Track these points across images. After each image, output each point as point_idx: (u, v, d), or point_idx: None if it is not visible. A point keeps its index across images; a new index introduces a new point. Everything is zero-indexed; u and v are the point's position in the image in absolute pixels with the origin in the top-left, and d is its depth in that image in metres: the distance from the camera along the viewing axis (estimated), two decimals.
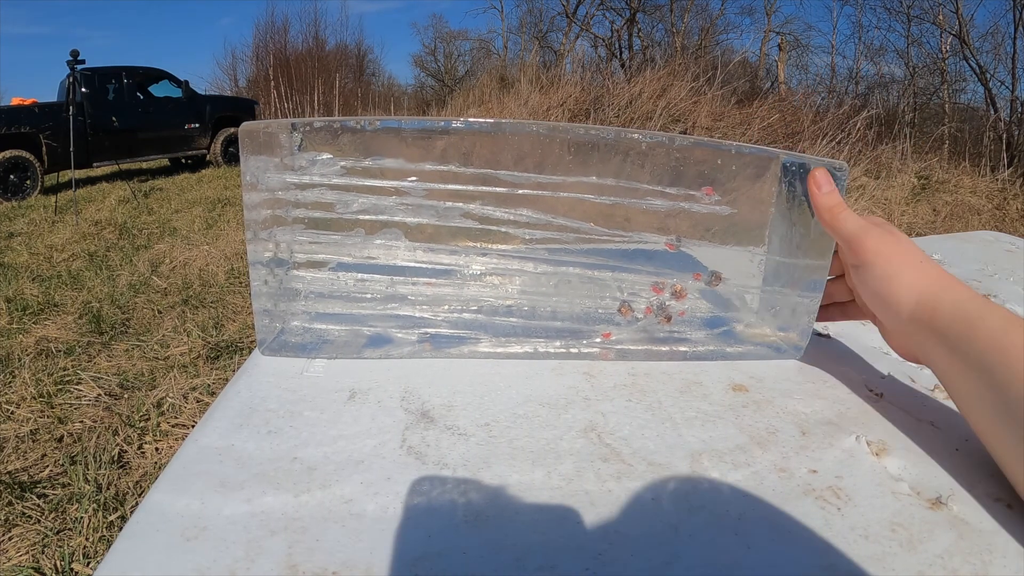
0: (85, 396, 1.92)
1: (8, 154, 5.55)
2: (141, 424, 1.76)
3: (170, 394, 1.89)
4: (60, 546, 1.30)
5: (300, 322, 0.43)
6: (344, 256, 0.42)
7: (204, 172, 7.14)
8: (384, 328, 0.42)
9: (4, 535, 1.34)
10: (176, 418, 1.79)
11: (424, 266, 0.42)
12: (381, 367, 0.40)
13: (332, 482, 0.29)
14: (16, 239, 4.04)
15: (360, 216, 0.41)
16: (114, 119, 6.48)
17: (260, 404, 0.36)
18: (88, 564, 1.25)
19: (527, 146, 0.40)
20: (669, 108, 5.99)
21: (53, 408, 1.86)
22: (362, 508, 0.28)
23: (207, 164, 7.59)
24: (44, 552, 1.29)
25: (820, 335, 0.48)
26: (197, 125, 7.28)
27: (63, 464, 1.57)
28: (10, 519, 1.38)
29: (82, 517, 1.37)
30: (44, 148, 5.81)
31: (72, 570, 1.24)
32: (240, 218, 4.15)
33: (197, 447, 0.32)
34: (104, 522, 1.36)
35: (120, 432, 1.71)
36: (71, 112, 4.94)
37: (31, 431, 1.74)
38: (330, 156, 0.39)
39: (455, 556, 0.25)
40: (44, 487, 1.49)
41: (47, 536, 1.33)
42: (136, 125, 6.67)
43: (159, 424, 1.75)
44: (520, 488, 0.29)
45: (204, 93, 8.14)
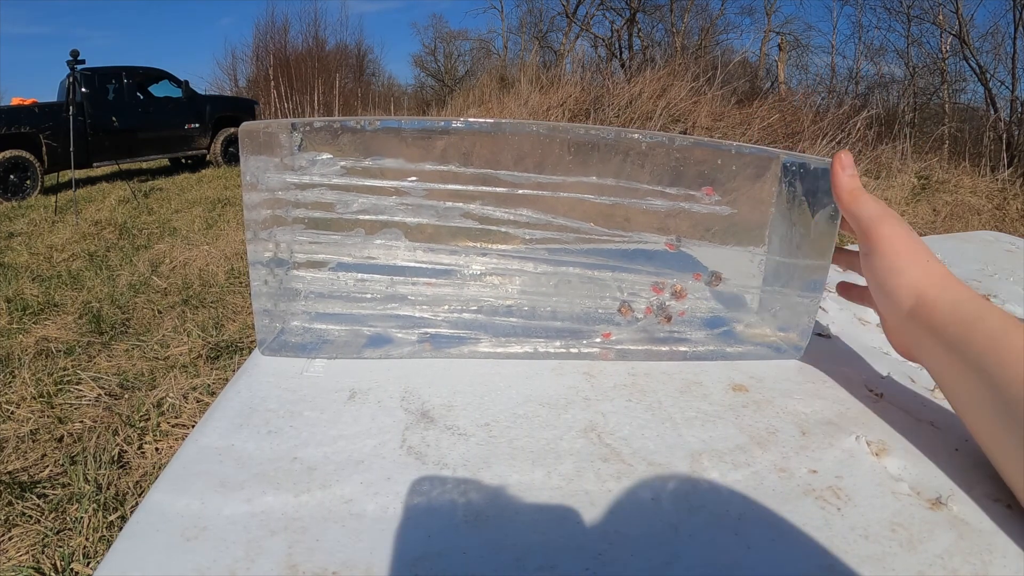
0: (85, 396, 1.92)
1: (8, 154, 5.55)
2: (141, 424, 1.76)
3: (170, 394, 1.89)
4: (60, 546, 1.30)
5: (300, 322, 0.43)
6: (344, 256, 0.42)
7: (204, 172, 7.14)
8: (384, 328, 0.42)
9: (4, 535, 1.34)
10: (176, 418, 1.79)
11: (424, 266, 0.42)
12: (381, 367, 0.40)
13: (332, 482, 0.29)
14: (16, 239, 4.04)
15: (360, 216, 0.41)
16: (114, 119, 6.48)
17: (260, 404, 0.36)
18: (88, 564, 1.25)
19: (527, 146, 0.40)
20: (669, 108, 5.99)
21: (53, 408, 1.86)
22: (362, 508, 0.28)
23: (207, 164, 7.59)
24: (44, 552, 1.29)
25: (820, 335, 0.48)
26: (197, 125, 7.28)
27: (63, 464, 1.57)
28: (10, 519, 1.38)
29: (82, 517, 1.37)
30: (44, 148, 5.81)
31: (72, 570, 1.24)
32: (240, 218, 4.15)
33: (197, 447, 0.32)
34: (104, 522, 1.36)
35: (120, 432, 1.71)
36: (71, 112, 4.94)
37: (31, 431, 1.74)
38: (330, 156, 0.39)
39: (455, 556, 0.25)
40: (44, 487, 1.49)
41: (47, 536, 1.33)
42: (136, 125, 6.67)
43: (159, 424, 1.75)
44: (520, 488, 0.29)
45: (204, 93, 8.14)
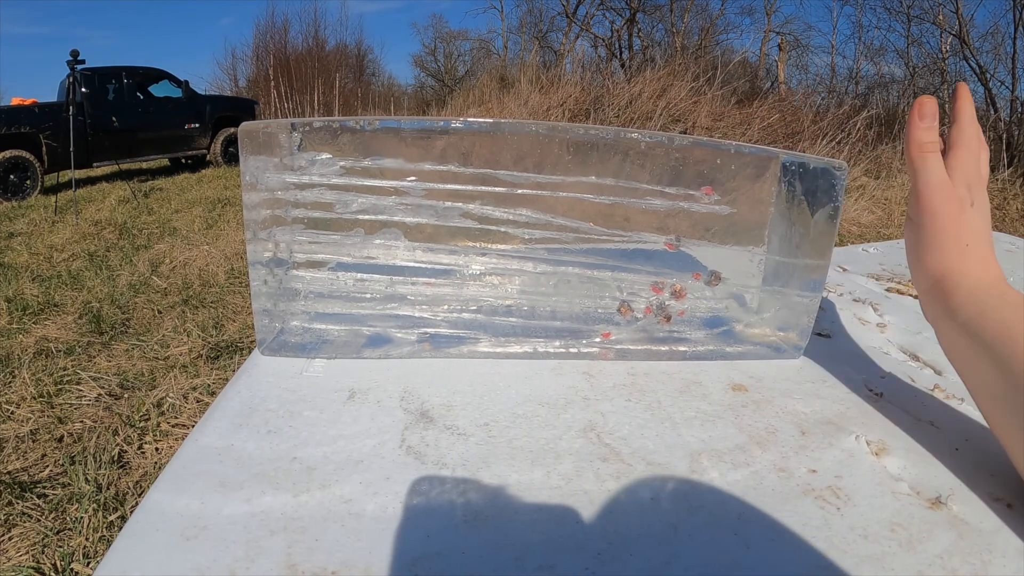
0: (85, 396, 1.92)
1: (8, 154, 5.55)
2: (141, 424, 1.76)
3: (170, 394, 1.89)
4: (60, 546, 1.30)
5: (300, 322, 0.43)
6: (343, 256, 0.42)
7: (204, 172, 7.14)
8: (383, 328, 0.42)
9: (4, 535, 1.34)
10: (176, 418, 1.79)
11: (423, 266, 0.42)
12: (380, 367, 0.40)
13: (331, 482, 0.29)
14: (16, 239, 4.04)
15: (359, 216, 0.41)
16: (114, 119, 6.48)
17: (260, 404, 0.36)
18: (88, 564, 1.25)
19: (526, 146, 0.40)
20: (669, 108, 5.99)
21: (53, 408, 1.86)
22: (361, 508, 0.28)
23: (207, 164, 7.59)
24: (44, 552, 1.29)
25: (820, 335, 0.48)
26: (197, 125, 7.27)
27: (63, 464, 1.57)
28: (10, 519, 1.38)
29: (82, 517, 1.37)
30: (44, 148, 5.81)
31: (72, 570, 1.24)
32: (240, 218, 4.15)
33: (197, 447, 0.32)
34: (104, 522, 1.36)
35: (120, 432, 1.71)
36: (71, 112, 4.94)
37: (31, 431, 1.74)
38: (329, 156, 0.39)
39: (454, 556, 0.25)
40: (44, 487, 1.49)
41: (47, 536, 1.33)
42: (136, 125, 6.67)
43: (159, 424, 1.75)
44: (519, 488, 0.29)
45: (204, 93, 8.14)
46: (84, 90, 6.17)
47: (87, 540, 1.31)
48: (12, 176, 5.59)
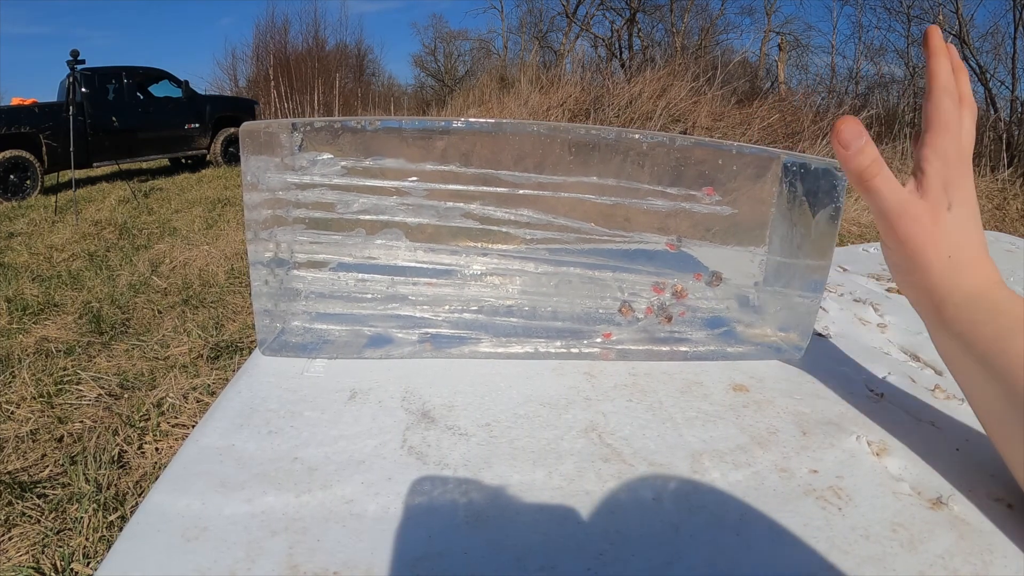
0: (85, 396, 1.92)
1: (8, 154, 5.55)
2: (141, 424, 1.76)
3: (170, 394, 1.89)
4: (60, 546, 1.30)
5: (301, 322, 0.43)
6: (345, 256, 0.42)
7: (204, 172, 7.14)
8: (385, 328, 0.42)
9: (4, 535, 1.34)
10: (176, 418, 1.79)
11: (425, 266, 0.42)
12: (382, 367, 0.40)
13: (333, 482, 0.29)
14: (16, 239, 4.04)
15: (361, 216, 0.41)
16: (114, 119, 6.47)
17: (261, 404, 0.36)
18: (88, 564, 1.25)
19: (527, 146, 0.40)
20: (669, 108, 5.99)
21: (53, 408, 1.86)
22: (363, 508, 0.28)
23: (207, 164, 7.58)
24: (44, 552, 1.29)
25: (820, 335, 0.48)
26: (197, 125, 7.27)
27: (63, 464, 1.57)
28: (10, 519, 1.38)
29: (82, 517, 1.37)
30: (44, 148, 5.81)
31: (72, 570, 1.24)
32: (240, 218, 4.15)
33: (197, 447, 0.32)
34: (104, 522, 1.36)
35: (120, 432, 1.71)
36: (71, 112, 4.94)
37: (31, 431, 1.73)
38: (331, 156, 0.39)
39: (456, 556, 0.25)
40: (44, 487, 1.49)
41: (47, 536, 1.33)
42: (136, 125, 6.67)
43: (159, 424, 1.75)
44: (521, 488, 0.29)
45: (204, 93, 8.14)
46: (84, 90, 6.17)
47: (87, 540, 1.31)
48: (12, 176, 5.59)
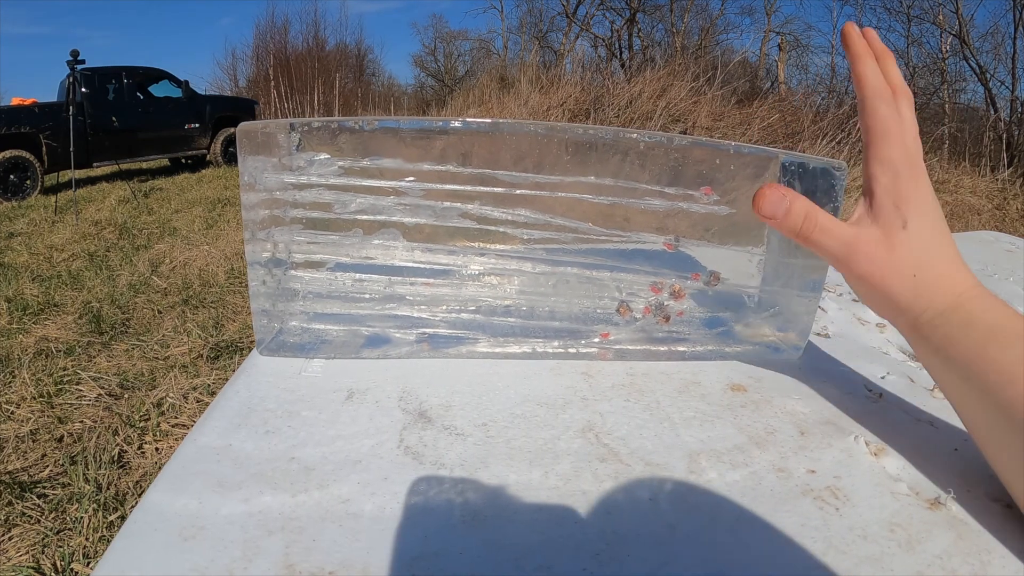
0: (85, 396, 1.92)
1: (8, 154, 5.55)
2: (141, 424, 1.76)
3: (170, 394, 1.89)
4: (60, 546, 1.30)
5: (298, 322, 0.43)
6: (342, 256, 0.42)
7: (204, 172, 7.14)
8: (382, 328, 0.42)
9: (4, 535, 1.34)
10: (176, 418, 1.79)
11: (422, 266, 0.42)
12: (379, 367, 0.40)
13: (330, 482, 0.29)
14: (16, 239, 4.04)
15: (358, 216, 0.41)
16: (114, 119, 6.48)
17: (258, 404, 0.36)
18: (88, 564, 1.25)
19: (526, 146, 0.40)
20: (669, 108, 5.99)
21: (53, 408, 1.86)
22: (359, 508, 0.28)
23: (207, 164, 7.59)
24: (44, 552, 1.29)
25: (819, 335, 0.48)
26: (197, 125, 7.28)
27: (63, 464, 1.57)
28: (10, 519, 1.38)
29: (82, 517, 1.37)
30: (44, 148, 5.81)
31: (72, 570, 1.24)
32: (240, 218, 4.14)
33: (195, 447, 0.32)
34: (104, 522, 1.36)
35: (120, 432, 1.71)
36: (71, 112, 4.94)
37: (31, 431, 1.74)
38: (328, 156, 0.39)
39: (452, 556, 0.25)
40: (44, 487, 1.49)
41: (47, 536, 1.33)
42: (136, 125, 6.67)
43: (159, 424, 1.75)
44: (518, 488, 0.29)
45: (204, 93, 8.14)
46: (84, 90, 6.17)
47: (87, 540, 1.31)
48: (12, 176, 5.59)
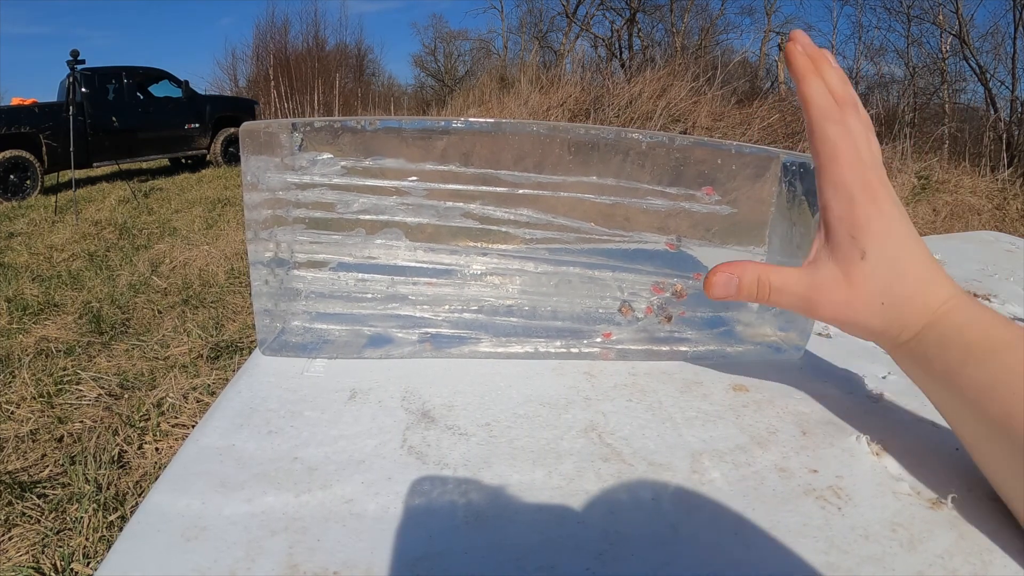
0: (85, 396, 1.92)
1: (8, 154, 5.55)
2: (141, 424, 1.76)
3: (170, 394, 1.89)
4: (60, 546, 1.30)
5: (301, 322, 0.43)
6: (345, 256, 0.42)
7: (204, 172, 7.14)
8: (385, 328, 0.42)
9: (4, 535, 1.34)
10: (176, 418, 1.79)
11: (425, 266, 0.42)
12: (382, 367, 0.40)
13: (333, 482, 0.29)
14: (16, 239, 4.04)
15: (361, 216, 0.41)
16: (114, 119, 6.48)
17: (261, 404, 0.36)
18: (88, 564, 1.25)
19: (527, 146, 0.40)
20: (669, 108, 5.99)
21: (53, 408, 1.86)
22: (363, 508, 0.28)
23: (207, 164, 7.58)
24: (44, 552, 1.29)
25: (820, 335, 0.48)
26: (197, 125, 7.28)
27: (63, 464, 1.57)
28: (10, 519, 1.38)
29: (82, 517, 1.37)
30: (44, 148, 5.81)
31: (72, 570, 1.24)
32: (240, 218, 4.15)
33: (197, 447, 0.32)
34: (104, 522, 1.36)
35: (120, 432, 1.71)
36: (71, 112, 4.95)
37: (31, 431, 1.74)
38: (330, 156, 0.39)
39: (456, 556, 0.25)
40: (44, 487, 1.49)
41: (47, 536, 1.33)
42: (136, 125, 6.67)
43: (159, 424, 1.75)
44: (521, 488, 0.29)
45: (204, 93, 8.14)
46: (84, 90, 6.17)
47: (87, 540, 1.31)
48: (12, 176, 5.59)
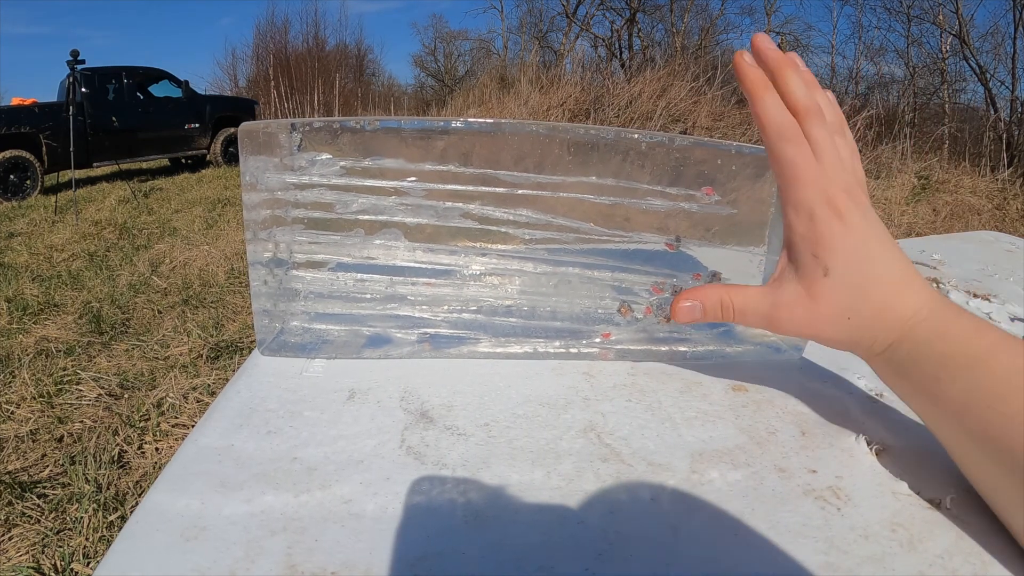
0: (85, 396, 1.92)
1: (8, 154, 5.55)
2: (141, 424, 1.76)
3: (170, 394, 1.89)
4: (60, 546, 1.30)
5: (300, 322, 0.43)
6: (343, 256, 0.42)
7: (204, 172, 7.14)
8: (384, 328, 0.42)
9: (4, 535, 1.34)
10: (176, 418, 1.79)
11: (424, 266, 0.42)
12: (380, 367, 0.40)
13: (332, 482, 0.29)
14: (16, 239, 4.04)
15: (359, 216, 0.41)
16: (114, 119, 6.48)
17: (260, 404, 0.36)
18: (88, 564, 1.25)
19: (527, 146, 0.40)
20: (669, 108, 5.99)
21: (53, 408, 1.86)
22: (361, 508, 0.28)
23: (207, 164, 7.59)
24: (44, 552, 1.29)
25: None
26: (197, 125, 7.28)
27: (63, 464, 1.57)
28: (10, 519, 1.38)
29: (82, 517, 1.37)
30: (44, 148, 5.81)
31: (72, 570, 1.24)
32: (240, 218, 4.15)
33: (197, 447, 0.32)
34: (104, 522, 1.36)
35: (120, 432, 1.71)
36: (71, 112, 4.95)
37: (31, 431, 1.74)
38: (329, 156, 0.39)
39: (454, 556, 0.25)
40: (44, 487, 1.49)
41: (47, 536, 1.33)
42: (136, 125, 6.67)
43: (159, 424, 1.75)
44: (520, 488, 0.29)
45: (204, 93, 8.14)
46: (84, 90, 6.17)
47: (87, 540, 1.31)
48: (12, 176, 5.59)
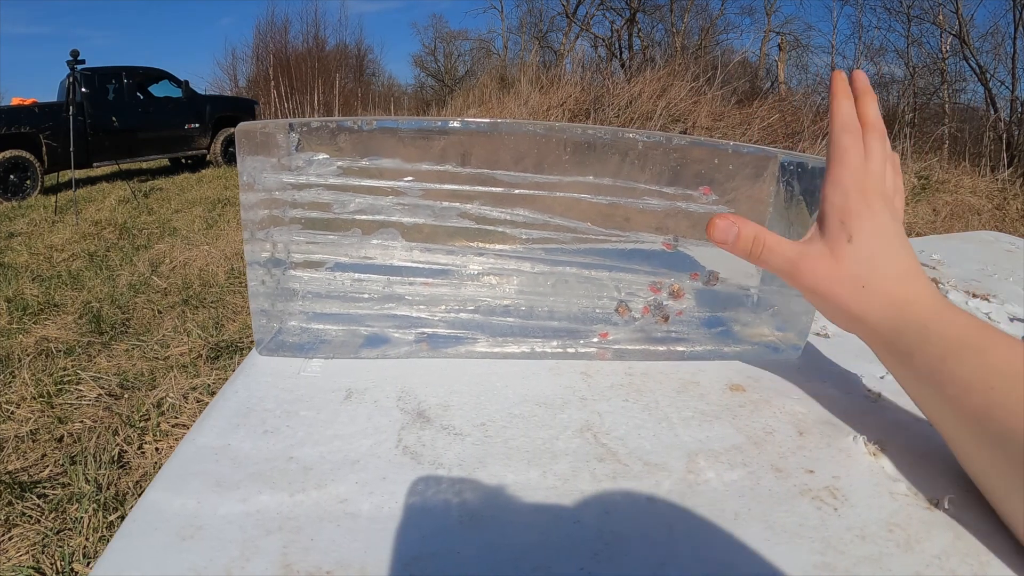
0: (85, 396, 1.92)
1: (8, 154, 5.55)
2: (141, 424, 1.76)
3: (170, 394, 1.89)
4: (60, 546, 1.30)
5: (297, 322, 0.43)
6: (341, 256, 0.42)
7: (204, 172, 7.14)
8: (381, 328, 0.42)
9: (4, 535, 1.34)
10: (176, 418, 1.79)
11: (421, 266, 0.42)
12: (378, 367, 0.40)
13: (328, 482, 0.29)
14: (16, 239, 4.04)
15: (357, 216, 0.41)
16: (114, 119, 6.48)
17: (257, 404, 0.36)
18: (88, 564, 1.25)
19: (525, 146, 0.40)
20: (669, 108, 5.99)
21: (53, 408, 1.86)
22: (357, 508, 0.28)
23: (207, 164, 7.59)
24: (44, 552, 1.29)
25: (818, 335, 0.48)
26: (197, 125, 7.27)
27: (63, 464, 1.57)
28: (10, 519, 1.38)
29: (82, 517, 1.37)
30: (44, 148, 5.81)
31: (72, 570, 1.24)
32: (240, 218, 4.15)
33: (194, 447, 0.32)
34: (104, 522, 1.36)
35: (120, 432, 1.71)
36: (71, 112, 4.94)
37: (31, 431, 1.74)
38: (327, 156, 0.39)
39: (450, 556, 0.25)
40: (44, 487, 1.49)
41: (47, 536, 1.33)
42: (136, 125, 6.67)
43: (159, 424, 1.75)
44: (516, 488, 0.29)
45: (204, 93, 8.14)
46: (84, 90, 6.17)
47: (87, 540, 1.31)
48: (12, 176, 5.59)
